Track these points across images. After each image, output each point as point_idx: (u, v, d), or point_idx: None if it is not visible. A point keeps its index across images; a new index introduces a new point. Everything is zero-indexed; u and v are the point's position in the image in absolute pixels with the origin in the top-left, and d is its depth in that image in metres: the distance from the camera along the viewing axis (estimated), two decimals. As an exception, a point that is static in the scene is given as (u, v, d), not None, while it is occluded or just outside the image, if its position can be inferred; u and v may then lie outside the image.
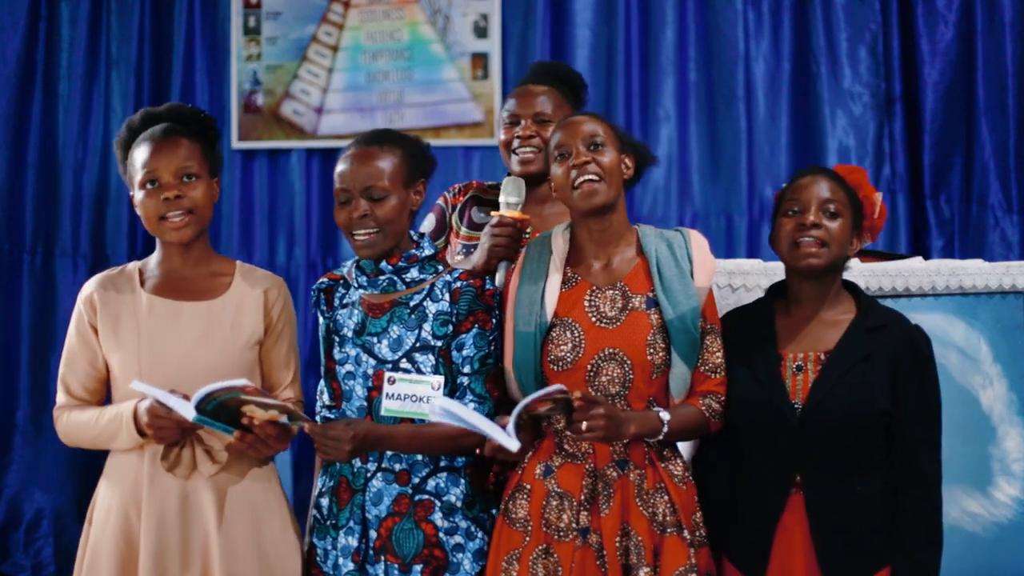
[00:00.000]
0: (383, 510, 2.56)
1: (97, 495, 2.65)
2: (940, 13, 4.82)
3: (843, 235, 2.59)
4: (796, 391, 2.55)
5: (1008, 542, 3.30)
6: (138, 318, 2.59)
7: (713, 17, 5.02)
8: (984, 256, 4.08)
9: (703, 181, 5.04)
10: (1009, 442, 3.35)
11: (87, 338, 2.63)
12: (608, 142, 2.61)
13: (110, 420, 2.57)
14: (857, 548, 2.51)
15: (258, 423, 2.42)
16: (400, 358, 2.58)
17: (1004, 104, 4.77)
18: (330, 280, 2.72)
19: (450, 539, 2.57)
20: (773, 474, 2.55)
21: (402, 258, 2.61)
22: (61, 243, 5.36)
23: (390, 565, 2.54)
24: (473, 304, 2.59)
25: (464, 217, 3.10)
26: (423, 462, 2.58)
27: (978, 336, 3.33)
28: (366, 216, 2.57)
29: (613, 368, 2.56)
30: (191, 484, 2.57)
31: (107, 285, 2.65)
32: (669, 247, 2.63)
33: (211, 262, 2.70)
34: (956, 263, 3.38)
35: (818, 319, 2.61)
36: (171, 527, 2.55)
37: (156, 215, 2.60)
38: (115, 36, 5.38)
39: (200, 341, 2.59)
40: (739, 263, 3.24)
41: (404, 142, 2.67)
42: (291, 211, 5.31)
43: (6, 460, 5.28)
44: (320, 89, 5.27)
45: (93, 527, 2.63)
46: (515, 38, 5.17)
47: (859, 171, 2.73)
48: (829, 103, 4.92)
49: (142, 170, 2.60)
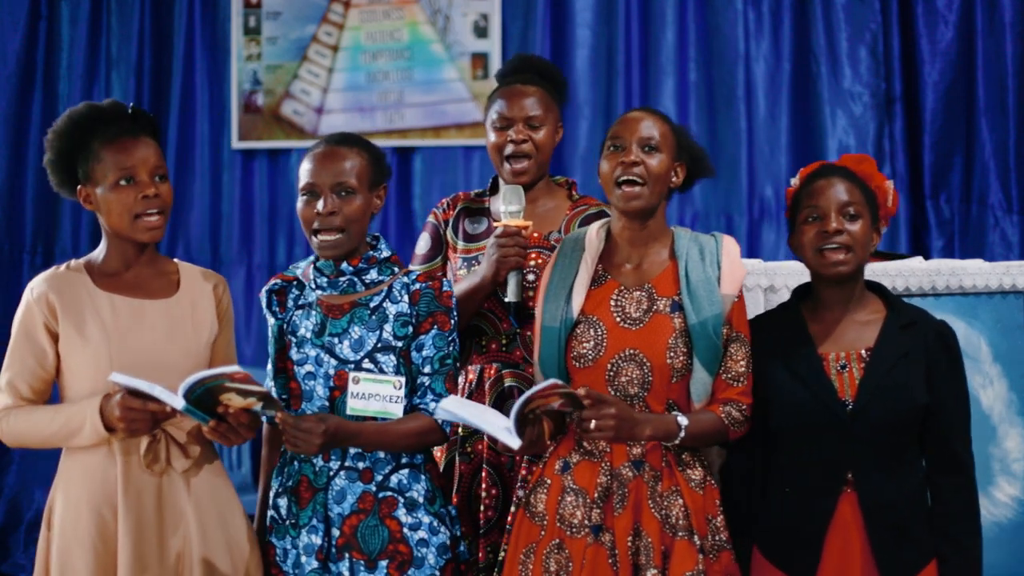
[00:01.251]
0: (346, 508, 2.58)
1: (55, 498, 2.59)
2: (940, 13, 4.82)
3: (865, 236, 2.59)
4: (844, 389, 2.55)
5: (1008, 542, 3.30)
6: (103, 318, 2.57)
7: (713, 17, 5.02)
8: (984, 256, 4.08)
9: (703, 181, 5.01)
10: (1009, 442, 3.35)
11: (39, 339, 2.58)
12: (663, 146, 2.60)
13: (70, 417, 2.52)
14: (909, 541, 2.53)
15: (232, 411, 2.42)
16: (362, 358, 2.60)
17: (1004, 104, 4.77)
18: (283, 281, 2.74)
19: (414, 534, 2.59)
20: (825, 472, 2.54)
21: (362, 259, 2.63)
22: (61, 243, 5.36)
23: (355, 562, 2.56)
24: (432, 305, 2.62)
25: (459, 231, 3.09)
26: (385, 459, 2.60)
27: (978, 336, 3.33)
28: (334, 213, 2.58)
29: (633, 369, 2.55)
30: (165, 479, 2.56)
31: (60, 285, 2.60)
32: (700, 252, 2.62)
33: (157, 261, 2.70)
34: (956, 263, 3.38)
35: (850, 319, 2.61)
36: (149, 522, 2.54)
37: (131, 212, 2.58)
38: (115, 36, 5.39)
39: (168, 339, 2.59)
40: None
41: (369, 146, 2.70)
42: (291, 211, 5.30)
43: (6, 460, 5.28)
44: (320, 89, 5.27)
45: (57, 531, 2.57)
46: (515, 38, 5.17)
47: (867, 160, 2.72)
48: (829, 103, 4.92)
49: (114, 168, 2.57)
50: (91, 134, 2.61)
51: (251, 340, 5.33)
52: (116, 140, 2.59)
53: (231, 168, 5.39)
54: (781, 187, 4.93)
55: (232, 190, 5.37)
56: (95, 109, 2.65)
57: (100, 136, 2.60)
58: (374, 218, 2.72)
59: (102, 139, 2.59)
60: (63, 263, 2.68)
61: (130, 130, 2.61)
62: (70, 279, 2.62)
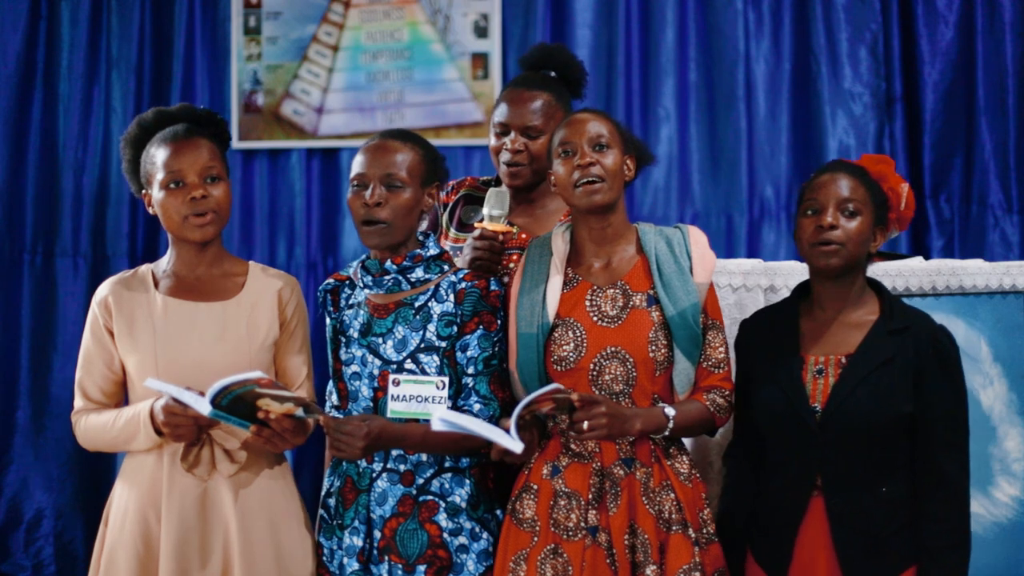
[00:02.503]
0: (387, 510, 2.56)
1: (113, 496, 2.65)
2: (940, 13, 4.82)
3: (861, 234, 2.57)
4: (816, 395, 2.54)
5: (1008, 542, 3.30)
6: (153, 319, 2.59)
7: (713, 17, 5.02)
8: (984, 256, 4.07)
9: (703, 181, 5.03)
10: (1009, 442, 3.35)
11: (103, 341, 2.63)
12: (613, 143, 2.62)
13: (127, 421, 2.57)
14: (879, 550, 2.50)
15: (274, 416, 2.42)
16: (405, 359, 2.58)
17: (1004, 104, 4.77)
18: (336, 280, 2.73)
19: (454, 539, 2.57)
20: (795, 477, 2.55)
21: (407, 258, 2.61)
22: (61, 243, 5.35)
23: (394, 565, 2.54)
24: (478, 305, 2.60)
25: (453, 217, 3.08)
26: (428, 463, 2.58)
27: (978, 336, 3.33)
28: (381, 204, 2.56)
29: (616, 367, 2.56)
30: (210, 484, 2.58)
31: (121, 287, 2.66)
32: (668, 244, 2.64)
33: (224, 263, 2.71)
34: (956, 263, 3.38)
35: (842, 320, 2.60)
36: (191, 528, 2.55)
37: (180, 215, 2.61)
38: (115, 36, 5.38)
39: (216, 342, 2.60)
40: (739, 263, 3.24)
41: (424, 144, 2.69)
42: (291, 211, 5.31)
43: (6, 460, 5.27)
44: (320, 89, 5.27)
45: (110, 529, 2.62)
46: (515, 38, 5.17)
47: (885, 161, 2.70)
48: (829, 103, 4.91)
49: (164, 170, 2.61)
50: (151, 139, 2.65)
51: (251, 340, 5.33)
52: (167, 143, 2.62)
53: (231, 168, 5.38)
54: (781, 187, 4.93)
55: (232, 190, 5.36)
56: (161, 114, 2.71)
57: (155, 139, 2.64)
58: None
59: (156, 142, 2.64)
60: (134, 268, 2.74)
61: (185, 131, 2.62)
62: (132, 282, 2.67)
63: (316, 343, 2.83)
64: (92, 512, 2.75)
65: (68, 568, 5.10)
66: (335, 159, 5.25)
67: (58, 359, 5.14)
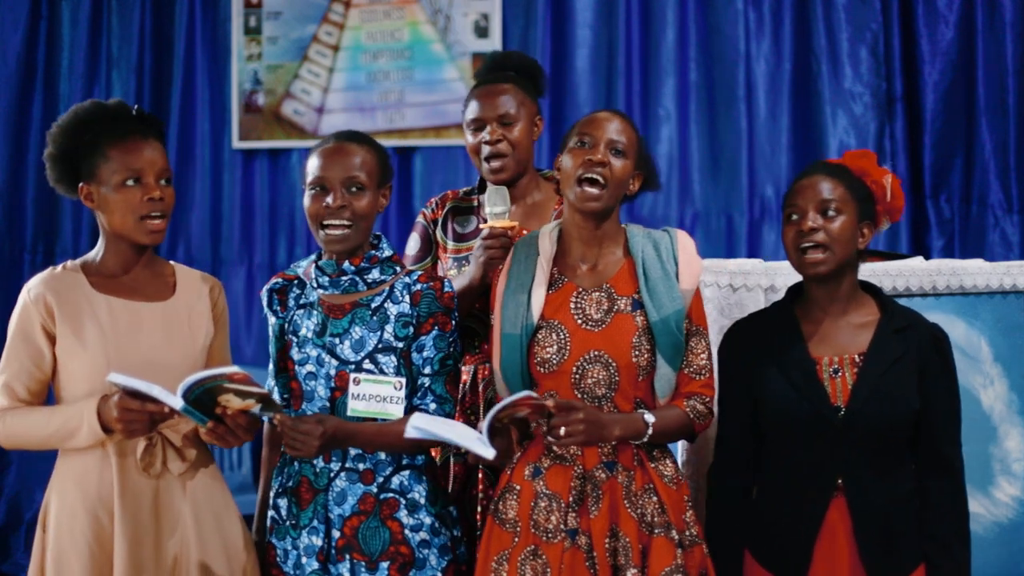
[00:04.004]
0: (347, 509, 2.57)
1: (51, 499, 2.58)
2: (941, 13, 4.82)
3: (845, 233, 2.55)
4: (836, 394, 2.54)
5: (1008, 542, 3.30)
6: (100, 320, 2.56)
7: (714, 17, 5.02)
8: (984, 256, 4.08)
9: (704, 181, 5.04)
10: (1010, 442, 3.35)
11: (35, 340, 2.57)
12: (629, 153, 2.59)
13: (67, 418, 2.51)
14: (897, 546, 2.52)
15: (231, 413, 2.42)
16: (363, 359, 2.59)
17: (1004, 104, 4.77)
18: (284, 280, 2.73)
19: (415, 535, 2.58)
20: (815, 477, 2.54)
21: (364, 259, 2.63)
22: (62, 243, 5.36)
23: (356, 563, 2.55)
24: (433, 306, 2.61)
25: (448, 230, 3.09)
26: (386, 461, 2.59)
27: (979, 336, 3.33)
28: (344, 207, 2.57)
29: (599, 370, 2.55)
30: (162, 483, 2.55)
31: (58, 287, 2.59)
32: (656, 248, 2.62)
33: (154, 263, 2.69)
34: (957, 263, 3.38)
35: (845, 321, 2.59)
36: (146, 526, 2.53)
37: (136, 214, 2.57)
38: (116, 36, 5.39)
39: (165, 341, 2.58)
40: (740, 263, 3.24)
41: (377, 145, 2.69)
42: (292, 211, 5.31)
43: (6, 460, 5.28)
44: (321, 89, 5.27)
45: (52, 533, 2.55)
46: (516, 38, 5.17)
47: (865, 156, 2.68)
48: (830, 103, 4.92)
49: (122, 167, 2.56)
50: (98, 132, 2.59)
51: (251, 340, 5.34)
52: (125, 140, 2.58)
53: (232, 168, 5.39)
54: (782, 187, 4.93)
55: (233, 190, 5.37)
56: (101, 108, 2.64)
57: (108, 135, 2.58)
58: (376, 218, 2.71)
59: (111, 138, 2.58)
60: (59, 264, 2.66)
61: (139, 131, 2.60)
62: (67, 281, 2.60)
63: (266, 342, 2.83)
64: (92, 512, 2.73)
65: (68, 568, 5.10)
66: (335, 159, 5.24)
67: (58, 359, 5.14)
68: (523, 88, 3.04)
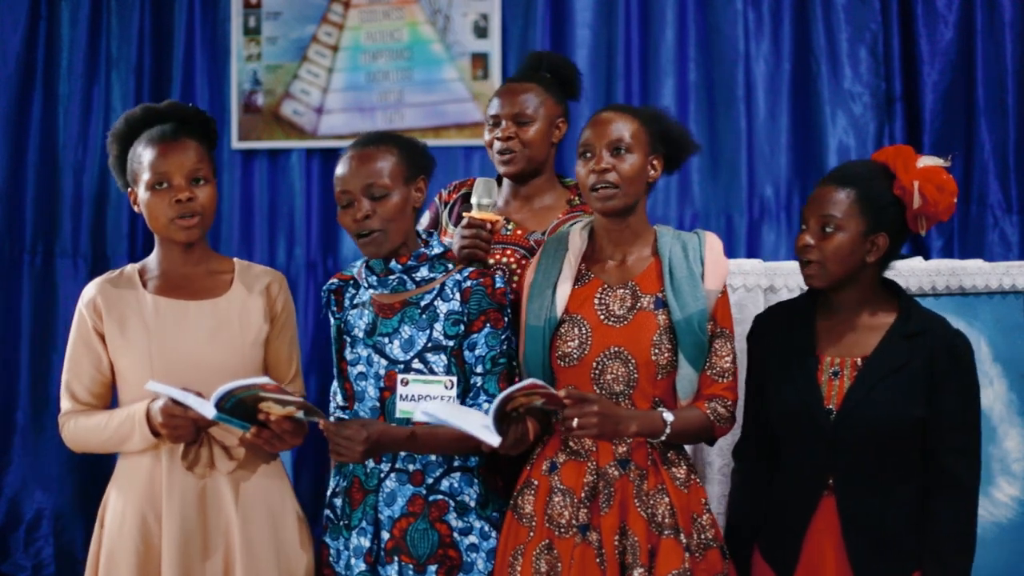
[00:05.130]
0: (396, 511, 2.56)
1: (108, 498, 2.64)
2: (940, 13, 4.82)
3: (841, 252, 2.52)
4: (831, 396, 2.53)
5: (1008, 542, 3.31)
6: (145, 319, 2.59)
7: (713, 17, 5.02)
8: (984, 256, 4.08)
9: (703, 181, 5.03)
10: (1009, 442, 3.35)
11: (91, 343, 2.62)
12: (635, 146, 2.59)
13: (121, 422, 2.56)
14: (889, 552, 2.50)
15: (275, 419, 2.43)
16: (412, 358, 2.58)
17: (1004, 104, 4.77)
18: (340, 280, 2.73)
19: (464, 539, 2.57)
20: (807, 476, 2.55)
21: (412, 257, 2.61)
22: (61, 243, 5.35)
23: (404, 565, 2.54)
24: (484, 303, 2.59)
25: (452, 215, 3.11)
26: (437, 462, 2.58)
27: (978, 336, 3.33)
28: (369, 217, 2.57)
29: (618, 367, 2.56)
30: (209, 482, 2.57)
31: (109, 288, 2.65)
32: (683, 249, 2.63)
33: (210, 261, 2.71)
34: (956, 263, 3.38)
35: (858, 322, 2.58)
36: (192, 525, 2.55)
37: (166, 216, 2.60)
38: (115, 36, 5.38)
39: (210, 339, 2.60)
40: (739, 263, 3.25)
41: (400, 141, 2.67)
42: (291, 211, 5.31)
43: (6, 460, 5.27)
44: (320, 89, 5.27)
45: (107, 530, 2.61)
46: (515, 38, 5.17)
47: (901, 156, 2.61)
48: (829, 103, 4.91)
49: (151, 171, 2.59)
50: (138, 136, 2.63)
51: (253, 340, 5.33)
52: (155, 143, 2.61)
53: (231, 168, 5.39)
54: (781, 187, 4.93)
55: (232, 190, 5.37)
56: (149, 111, 2.69)
57: (143, 138, 2.62)
58: None
59: (144, 141, 2.62)
60: (119, 268, 2.72)
61: (173, 132, 2.61)
62: (120, 282, 2.66)
63: (322, 343, 2.83)
64: (92, 513, 2.74)
65: (68, 569, 5.10)
66: (335, 159, 5.16)
67: (58, 359, 5.09)
68: (548, 90, 3.07)
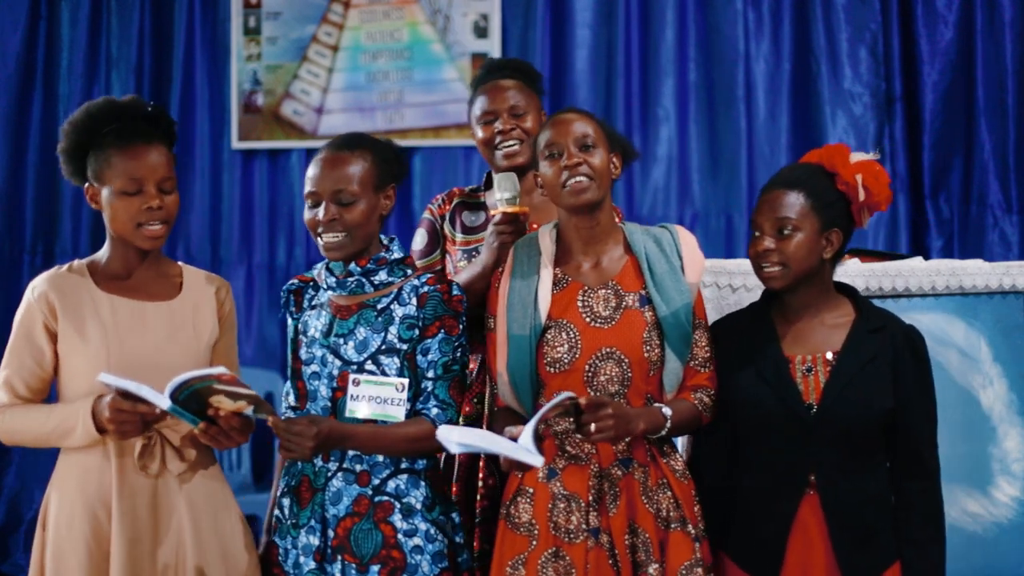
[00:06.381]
0: (341, 510, 2.57)
1: (50, 497, 2.59)
2: (940, 13, 4.83)
3: (800, 251, 2.56)
4: (809, 392, 2.55)
5: (1008, 542, 3.30)
6: (102, 318, 2.56)
7: (713, 17, 5.02)
8: (984, 256, 4.08)
9: (703, 181, 5.04)
10: (1009, 442, 3.35)
11: (37, 338, 2.58)
12: (599, 142, 2.61)
13: (64, 417, 2.52)
14: (871, 544, 2.53)
15: (223, 414, 2.42)
16: (365, 360, 2.59)
17: (1004, 104, 4.77)
18: (300, 282, 2.74)
19: (409, 540, 2.56)
20: (787, 474, 2.55)
21: (371, 260, 2.62)
22: (61, 243, 5.36)
23: (347, 564, 2.55)
24: (440, 309, 2.60)
25: (456, 223, 3.12)
26: (384, 463, 2.58)
27: (978, 336, 3.33)
28: (334, 220, 2.58)
29: (611, 367, 2.56)
30: (160, 482, 2.56)
31: (61, 285, 2.60)
32: (658, 244, 2.64)
33: (161, 263, 2.70)
34: (956, 263, 3.38)
35: (819, 321, 2.61)
36: (144, 525, 2.53)
37: (133, 221, 2.57)
38: (115, 36, 5.39)
39: (168, 341, 2.59)
40: (739, 263, 3.24)
41: (375, 147, 2.66)
42: (291, 211, 5.31)
43: (6, 460, 5.28)
44: (320, 89, 5.27)
45: (52, 531, 2.56)
46: (515, 38, 5.18)
47: (837, 153, 2.65)
48: (829, 103, 4.92)
49: (124, 176, 2.55)
50: (105, 133, 2.59)
51: (251, 341, 5.32)
52: (128, 146, 2.57)
53: (231, 168, 5.39)
54: (781, 187, 4.93)
55: (232, 190, 5.37)
56: (113, 105, 2.63)
57: (113, 136, 2.58)
58: None
59: (114, 141, 2.58)
60: (65, 263, 2.67)
61: (144, 135, 2.59)
62: (72, 279, 2.61)
63: (281, 343, 2.83)
64: (92, 512, 2.72)
65: (68, 568, 5.10)
66: (335, 159, 5.24)
67: (58, 359, 5.13)
68: (527, 84, 3.12)
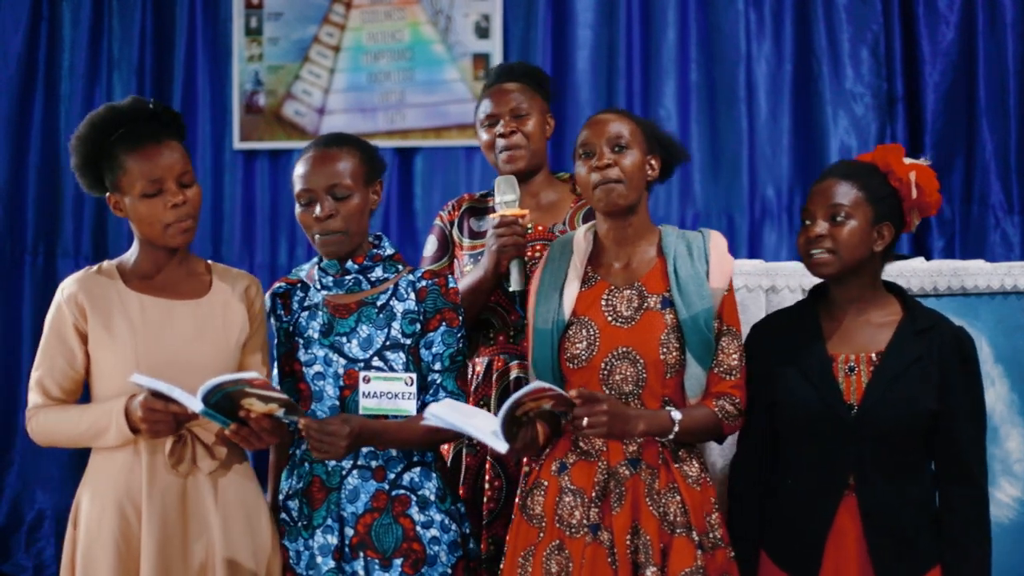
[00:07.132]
0: (360, 507, 2.58)
1: (82, 496, 2.61)
2: (941, 13, 4.82)
3: (853, 239, 2.56)
4: (850, 392, 2.54)
5: (1009, 542, 3.30)
6: (131, 317, 2.57)
7: (715, 17, 5.02)
8: (985, 256, 4.07)
9: (704, 181, 5.04)
10: (1011, 442, 3.35)
11: (68, 339, 2.59)
12: (633, 143, 2.61)
13: (98, 417, 2.54)
14: (909, 548, 2.52)
15: (255, 416, 2.42)
16: (371, 356, 2.61)
17: (1005, 104, 4.77)
18: (287, 284, 2.75)
19: (427, 532, 2.60)
20: (826, 475, 2.54)
21: (367, 257, 2.64)
22: (63, 244, 5.36)
23: (370, 560, 2.56)
24: (439, 302, 2.63)
25: (464, 229, 3.14)
26: (397, 458, 2.61)
27: (980, 336, 3.33)
28: (332, 216, 2.58)
29: (626, 367, 2.56)
30: (190, 481, 2.57)
31: (91, 286, 2.61)
32: (688, 247, 2.64)
33: (189, 262, 2.70)
34: (958, 263, 3.38)
35: (865, 320, 2.60)
36: (173, 524, 2.54)
37: (163, 223, 2.58)
38: (116, 37, 5.39)
39: (196, 339, 2.59)
40: (740, 264, 3.24)
41: (360, 144, 2.71)
42: (292, 211, 5.28)
43: (7, 460, 5.28)
44: (322, 90, 5.27)
45: (83, 529, 2.58)
46: (517, 39, 5.18)
47: (893, 151, 2.66)
48: (831, 103, 4.92)
49: (143, 179, 2.55)
50: (113, 140, 2.58)
51: (252, 340, 5.33)
52: (139, 148, 2.56)
53: (232, 169, 5.39)
54: (783, 188, 4.94)
55: (234, 191, 5.37)
56: (115, 111, 2.62)
57: (123, 143, 2.57)
58: (375, 216, 2.72)
59: (125, 147, 2.57)
60: (96, 264, 2.69)
61: (153, 135, 2.58)
62: (101, 280, 2.63)
63: None
64: (93, 513, 2.73)
65: (69, 569, 5.10)
66: (336, 160, 5.24)
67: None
68: (532, 88, 3.14)
